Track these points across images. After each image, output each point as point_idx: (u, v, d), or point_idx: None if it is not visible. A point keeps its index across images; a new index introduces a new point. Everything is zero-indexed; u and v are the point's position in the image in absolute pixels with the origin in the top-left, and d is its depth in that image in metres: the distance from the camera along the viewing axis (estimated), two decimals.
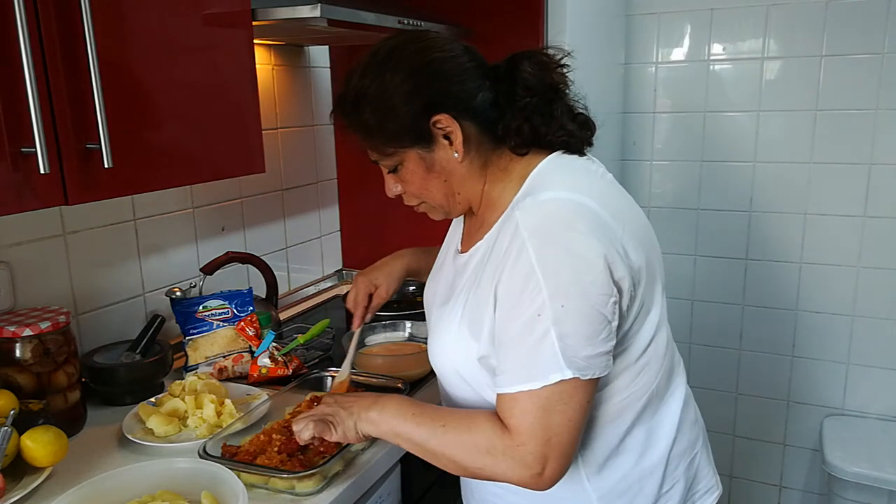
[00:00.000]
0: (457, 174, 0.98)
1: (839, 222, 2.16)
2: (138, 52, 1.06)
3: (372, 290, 1.31)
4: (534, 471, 0.86)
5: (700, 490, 1.10)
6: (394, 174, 1.02)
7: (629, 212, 0.97)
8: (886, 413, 2.22)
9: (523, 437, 0.86)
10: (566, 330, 0.84)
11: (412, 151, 0.97)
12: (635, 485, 1.00)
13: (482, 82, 0.97)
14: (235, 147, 1.27)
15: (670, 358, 1.04)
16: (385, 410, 0.98)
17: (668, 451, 1.02)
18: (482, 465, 0.89)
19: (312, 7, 1.26)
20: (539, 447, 0.86)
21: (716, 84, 2.22)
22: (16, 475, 1.05)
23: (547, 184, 0.94)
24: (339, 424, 1.01)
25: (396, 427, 0.96)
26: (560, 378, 0.84)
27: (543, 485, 0.88)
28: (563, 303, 0.84)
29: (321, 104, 2.10)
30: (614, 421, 0.97)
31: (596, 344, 0.86)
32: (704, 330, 2.41)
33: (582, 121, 1.00)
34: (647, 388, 0.98)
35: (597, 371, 0.87)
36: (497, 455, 0.88)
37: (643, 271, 0.93)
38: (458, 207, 1.03)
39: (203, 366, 1.48)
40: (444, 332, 1.01)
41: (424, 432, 0.93)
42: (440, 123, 0.94)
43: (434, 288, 1.13)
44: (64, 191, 0.96)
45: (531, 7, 1.77)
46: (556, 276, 0.84)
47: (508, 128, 0.97)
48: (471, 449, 0.90)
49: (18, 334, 1.15)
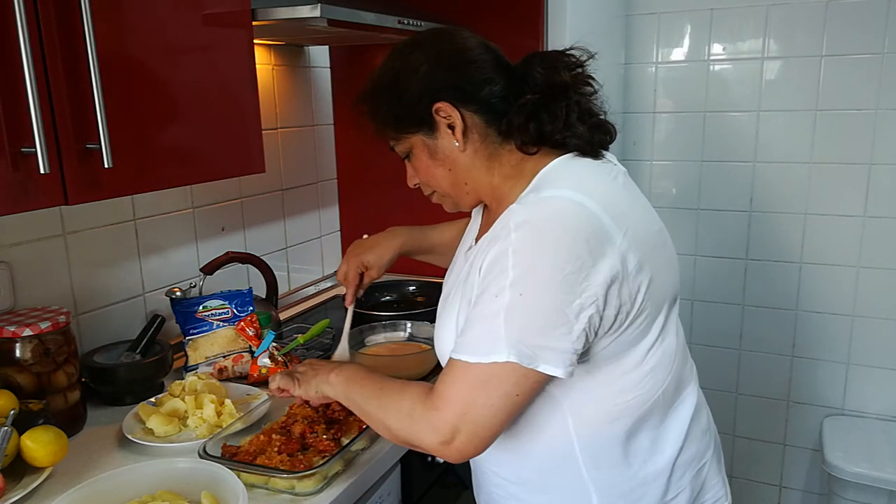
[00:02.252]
0: (460, 164, 1.00)
1: (839, 222, 2.16)
2: (138, 52, 1.06)
3: (363, 269, 1.34)
4: (443, 437, 0.88)
5: (707, 500, 1.08)
6: (408, 162, 1.06)
7: (638, 217, 0.96)
8: (886, 413, 2.22)
9: (440, 403, 0.88)
10: (516, 317, 0.84)
11: (417, 138, 1.01)
12: (637, 489, 1.00)
13: (492, 76, 0.98)
14: (235, 147, 1.27)
15: (680, 366, 1.03)
16: (341, 374, 1.05)
17: (674, 459, 1.01)
18: (402, 428, 0.93)
19: (312, 7, 1.26)
20: (452, 417, 0.87)
21: (716, 84, 2.22)
22: (16, 475, 1.05)
23: (552, 182, 0.94)
24: (304, 383, 1.09)
25: (347, 390, 1.02)
26: (495, 360, 0.84)
27: (451, 455, 0.89)
28: (523, 291, 0.84)
29: (321, 104, 2.10)
30: (613, 422, 0.96)
31: (549, 337, 0.84)
32: (704, 330, 2.41)
33: (595, 124, 1.00)
34: (651, 393, 0.97)
35: (542, 364, 0.85)
36: (414, 416, 0.91)
37: (645, 277, 0.91)
38: (467, 199, 1.05)
39: (203, 366, 1.48)
40: (447, 321, 1.02)
41: (366, 394, 0.99)
42: (442, 111, 0.97)
43: (448, 279, 1.15)
44: (64, 191, 0.96)
45: (531, 7, 1.77)
46: (525, 266, 0.85)
47: (511, 123, 0.97)
48: (396, 411, 0.94)
49: (18, 334, 1.15)
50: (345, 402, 1.04)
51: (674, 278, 1.01)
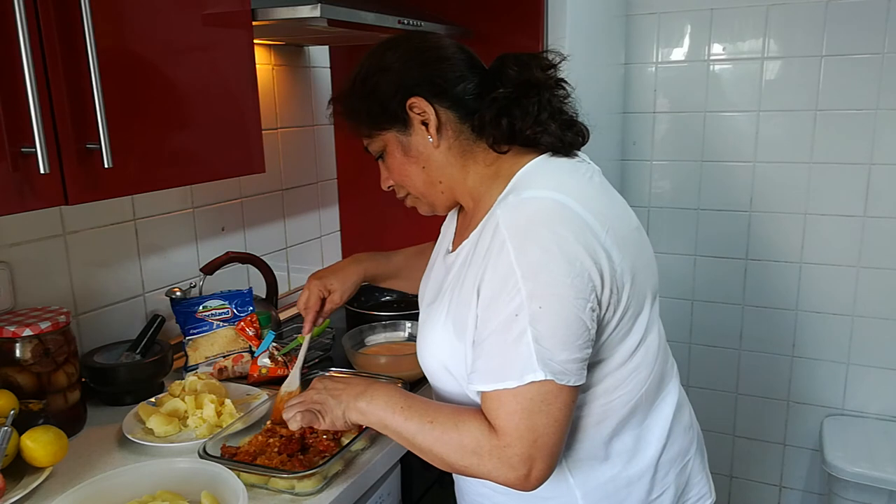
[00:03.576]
0: (434, 161, 1.00)
1: (839, 222, 2.16)
2: (138, 51, 1.06)
3: (325, 294, 1.29)
4: (520, 472, 0.86)
5: (692, 497, 1.09)
6: (382, 162, 1.05)
7: (616, 215, 0.96)
8: (886, 413, 2.22)
9: (510, 439, 0.86)
10: (542, 331, 0.83)
11: (390, 134, 1.00)
12: (622, 489, 1.00)
13: (466, 73, 0.99)
14: (235, 147, 1.27)
15: (662, 363, 1.03)
16: (374, 401, 0.98)
17: (658, 457, 1.02)
18: (468, 464, 0.90)
19: (312, 7, 1.26)
20: (525, 448, 0.85)
21: (716, 84, 2.23)
22: (16, 475, 1.05)
23: (530, 182, 0.94)
24: (328, 413, 1.02)
25: (385, 419, 0.97)
26: (533, 379, 0.84)
27: (529, 486, 0.88)
28: (541, 304, 0.83)
29: (321, 104, 2.10)
30: (599, 424, 0.97)
31: (573, 349, 0.85)
32: (704, 330, 2.41)
33: (566, 122, 1.00)
34: (635, 392, 0.97)
35: (572, 378, 0.86)
36: (483, 455, 0.88)
37: (628, 275, 0.92)
38: (441, 198, 1.04)
39: (203, 366, 1.48)
40: (430, 331, 1.02)
41: (412, 427, 0.94)
42: (416, 107, 0.97)
43: (425, 286, 1.13)
44: (64, 191, 0.96)
45: (531, 7, 1.77)
46: (534, 277, 0.84)
47: (484, 119, 0.97)
48: (457, 447, 0.90)
49: (18, 334, 1.15)
50: (381, 431, 0.98)
51: (653, 275, 1.01)
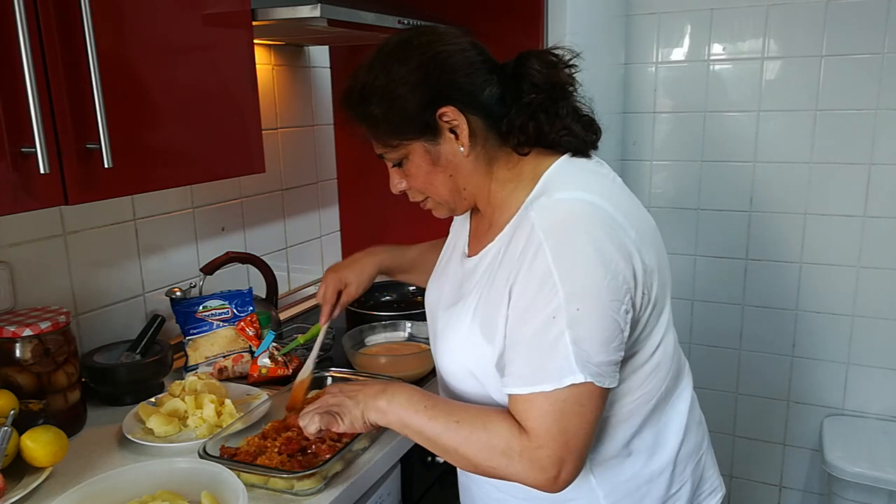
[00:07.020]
0: (462, 169, 0.97)
1: (839, 222, 2.16)
2: (138, 51, 1.06)
3: (341, 287, 1.30)
4: (550, 474, 0.86)
5: (705, 491, 1.10)
6: (398, 168, 1.01)
7: (640, 214, 0.97)
8: (886, 413, 2.22)
9: (541, 440, 0.85)
10: (581, 333, 0.83)
11: (417, 144, 0.96)
12: (643, 486, 1.00)
13: (489, 77, 0.96)
14: (235, 147, 1.27)
15: (678, 360, 1.04)
16: (394, 400, 0.96)
17: (677, 452, 1.02)
18: (496, 465, 0.89)
19: (312, 7, 1.26)
20: (557, 450, 0.85)
21: (716, 84, 2.22)
22: (16, 475, 1.05)
23: (560, 184, 0.93)
24: (346, 415, 1.00)
25: (406, 418, 0.95)
26: (572, 381, 0.83)
27: (557, 488, 0.87)
28: (579, 306, 0.83)
29: (321, 104, 2.10)
30: (624, 423, 0.97)
31: (609, 351, 0.85)
32: (704, 330, 2.41)
33: (587, 122, 1.00)
34: (656, 389, 0.98)
35: (607, 380, 0.86)
36: (513, 456, 0.87)
37: (655, 273, 0.92)
38: (464, 204, 1.02)
39: (203, 366, 1.48)
40: (454, 334, 1.00)
41: (437, 426, 0.92)
42: (446, 116, 0.94)
43: (439, 290, 1.11)
44: (64, 191, 0.96)
45: (531, 7, 1.77)
46: (572, 279, 0.84)
47: (513, 124, 0.96)
48: (485, 448, 0.89)
49: (18, 334, 1.15)
50: (400, 431, 0.97)
51: (669, 273, 1.02)
